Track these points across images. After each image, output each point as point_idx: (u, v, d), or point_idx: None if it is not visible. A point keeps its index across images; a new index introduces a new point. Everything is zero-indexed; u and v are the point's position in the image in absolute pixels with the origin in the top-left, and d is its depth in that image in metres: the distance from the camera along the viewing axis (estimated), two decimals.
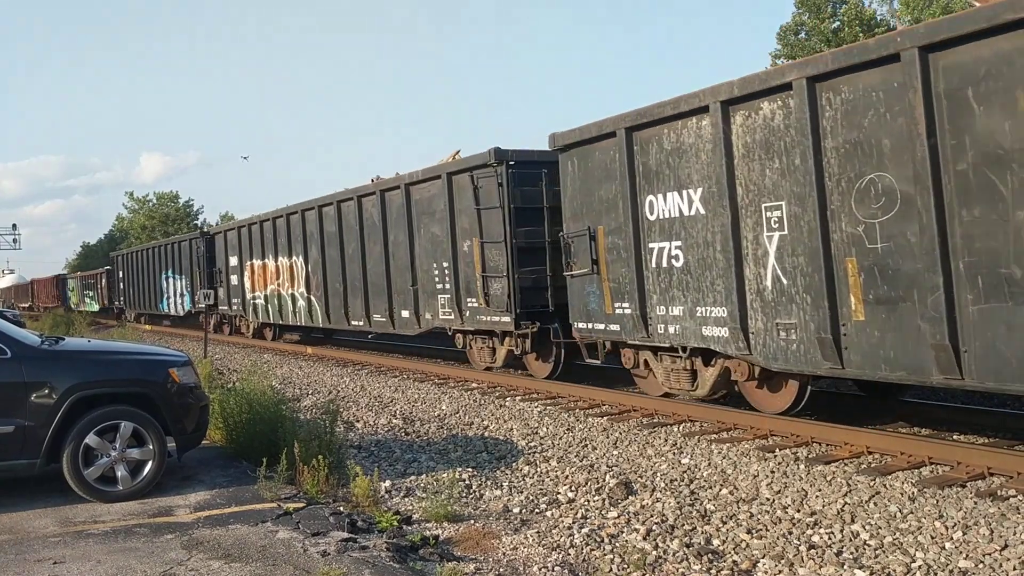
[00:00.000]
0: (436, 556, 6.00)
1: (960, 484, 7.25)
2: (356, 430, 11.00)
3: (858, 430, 8.85)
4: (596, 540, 6.29)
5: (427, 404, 12.94)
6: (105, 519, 6.92)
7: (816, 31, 40.69)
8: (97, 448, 7.45)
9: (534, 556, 6.03)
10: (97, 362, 8.05)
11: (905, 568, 5.54)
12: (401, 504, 7.54)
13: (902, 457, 8.07)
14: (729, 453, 8.76)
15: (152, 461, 7.61)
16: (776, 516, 6.72)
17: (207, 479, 8.15)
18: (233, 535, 6.36)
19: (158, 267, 34.29)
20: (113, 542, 6.28)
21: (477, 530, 6.68)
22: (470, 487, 7.96)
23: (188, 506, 7.25)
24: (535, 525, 6.75)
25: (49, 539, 6.41)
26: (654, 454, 8.95)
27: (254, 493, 7.52)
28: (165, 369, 8.02)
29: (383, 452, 9.65)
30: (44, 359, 7.64)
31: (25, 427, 7.26)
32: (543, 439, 9.97)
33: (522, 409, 11.92)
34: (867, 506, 6.84)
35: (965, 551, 5.78)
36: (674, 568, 5.69)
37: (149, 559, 5.85)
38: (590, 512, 7.02)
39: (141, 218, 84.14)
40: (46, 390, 7.37)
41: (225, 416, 9.40)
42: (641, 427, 10.28)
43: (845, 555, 5.85)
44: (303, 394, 14.50)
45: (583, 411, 11.53)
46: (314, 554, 5.83)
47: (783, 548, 6.02)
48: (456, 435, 10.44)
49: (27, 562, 5.88)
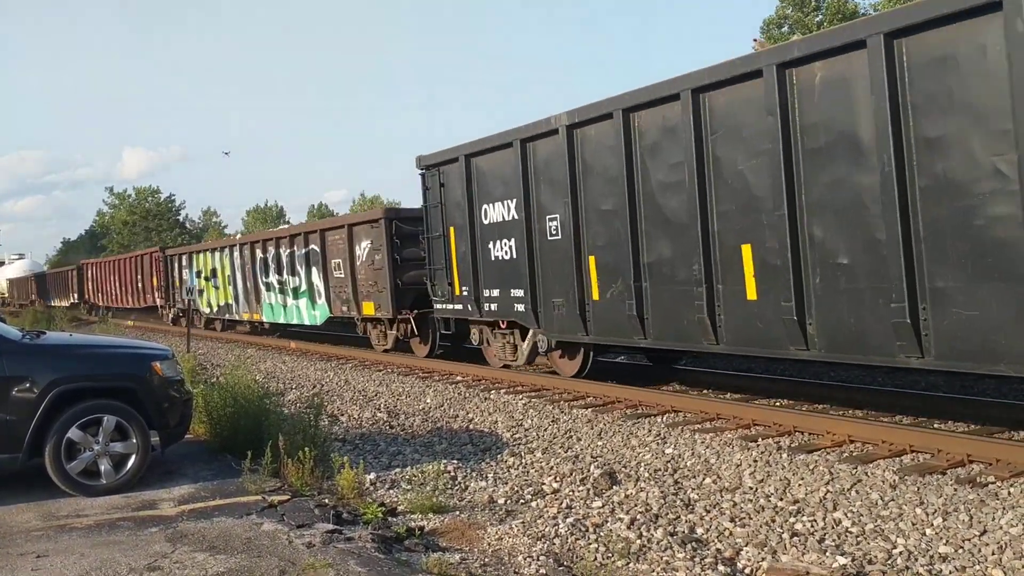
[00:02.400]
0: (422, 547, 6.02)
1: (941, 471, 7.33)
2: (341, 424, 10.99)
3: (841, 419, 8.93)
4: (581, 530, 6.32)
5: (412, 397, 12.94)
6: (88, 513, 6.89)
7: (800, 24, 40.87)
8: (80, 442, 7.41)
9: (519, 546, 6.05)
10: (79, 356, 8.01)
11: (886, 554, 5.60)
12: (386, 496, 7.55)
13: (884, 445, 8.15)
14: (712, 443, 8.82)
15: (135, 455, 7.58)
16: (759, 504, 6.78)
17: (191, 473, 8.13)
18: (218, 528, 6.35)
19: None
20: (97, 536, 6.26)
21: (462, 521, 6.70)
22: (455, 479, 7.97)
23: (172, 499, 7.23)
24: (520, 516, 6.77)
25: (32, 533, 6.38)
26: (638, 444, 8.99)
27: (238, 486, 7.51)
28: (148, 363, 7.98)
29: (368, 445, 9.65)
30: (25, 353, 7.59)
31: (7, 421, 7.23)
32: (528, 431, 10.00)
33: (507, 402, 11.95)
34: (849, 494, 6.91)
35: (945, 537, 5.85)
36: (658, 556, 5.72)
37: (133, 552, 5.84)
38: (575, 502, 7.05)
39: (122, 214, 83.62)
40: (27, 384, 7.33)
41: (209, 410, 9.37)
42: (625, 418, 10.33)
43: (827, 542, 5.90)
44: (287, 388, 14.47)
45: (568, 403, 11.56)
46: (299, 546, 5.83)
47: (766, 536, 6.07)
48: (441, 428, 10.45)
49: (10, 556, 5.85)
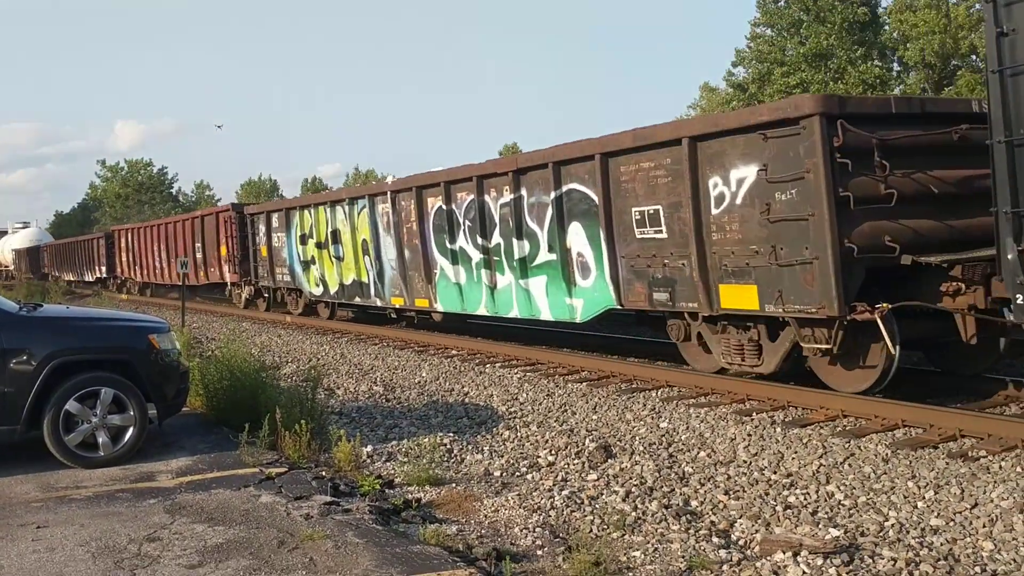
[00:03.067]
0: (419, 519, 6.08)
1: (932, 446, 7.40)
2: (337, 397, 11.03)
3: (834, 394, 8.99)
4: (576, 502, 6.38)
5: (407, 371, 12.99)
6: (87, 485, 6.93)
7: None
8: (78, 414, 7.44)
9: (515, 518, 6.11)
10: (76, 329, 8.03)
11: (879, 527, 5.67)
12: (383, 468, 7.60)
13: (876, 420, 8.21)
14: (707, 417, 8.88)
15: (133, 427, 7.61)
16: (753, 478, 6.84)
17: (188, 445, 8.17)
18: (216, 499, 6.39)
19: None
20: (96, 507, 6.30)
21: (459, 493, 6.75)
22: (451, 452, 8.03)
23: (170, 472, 7.28)
24: (516, 488, 6.83)
25: (32, 504, 6.42)
26: (633, 418, 9.05)
27: (236, 459, 7.55)
28: (145, 336, 8.00)
29: (364, 418, 9.70)
30: (23, 326, 7.60)
31: (4, 393, 7.25)
32: (523, 404, 10.05)
33: (502, 375, 12.00)
34: (842, 467, 6.98)
35: (937, 510, 5.92)
36: (653, 528, 5.79)
37: (133, 523, 5.88)
38: (570, 475, 7.11)
39: (115, 186, 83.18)
40: (25, 356, 7.34)
41: (205, 383, 9.40)
42: (620, 392, 10.39)
43: (820, 515, 5.97)
44: (283, 362, 14.50)
45: (562, 377, 11.61)
46: (297, 517, 5.89)
47: (760, 508, 6.14)
48: (437, 401, 10.50)
49: (11, 527, 5.90)
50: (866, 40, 39.82)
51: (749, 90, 41.29)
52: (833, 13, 38.95)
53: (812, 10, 39.67)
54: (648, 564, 5.23)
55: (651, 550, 5.43)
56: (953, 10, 38.96)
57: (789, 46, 40.78)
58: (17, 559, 5.33)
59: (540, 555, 5.41)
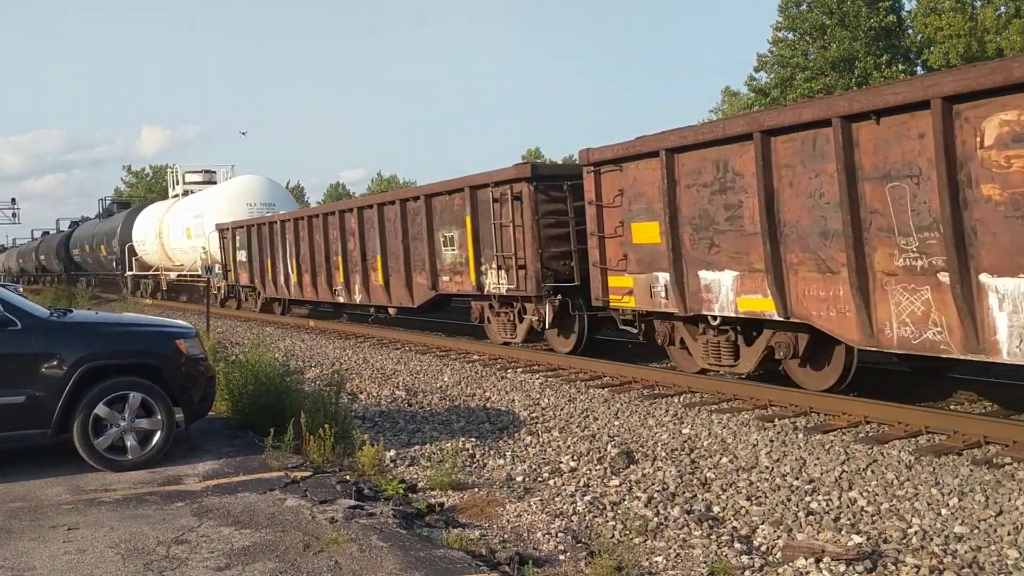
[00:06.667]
0: (442, 523, 6.12)
1: (956, 452, 7.37)
2: (360, 401, 11.12)
3: (856, 400, 8.97)
4: (598, 507, 6.41)
5: (429, 376, 13.06)
6: (116, 487, 7.04)
7: (818, 2, 40.39)
8: (106, 418, 7.55)
9: (538, 523, 6.15)
10: (106, 334, 8.14)
11: (901, 533, 5.66)
12: (406, 473, 7.66)
13: (899, 426, 8.19)
14: (729, 423, 8.88)
15: (160, 431, 7.71)
16: (775, 484, 6.84)
17: (214, 449, 8.27)
18: (242, 503, 6.48)
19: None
20: (125, 509, 6.40)
21: (481, 498, 6.80)
22: (473, 456, 8.08)
23: (197, 475, 7.37)
24: (538, 493, 6.87)
25: (62, 506, 6.53)
26: (655, 424, 9.07)
27: (261, 462, 7.64)
28: (172, 341, 8.11)
29: (387, 422, 9.77)
30: (53, 330, 7.72)
31: (36, 397, 7.36)
32: (545, 410, 10.09)
33: (523, 380, 12.04)
34: (864, 474, 6.96)
35: (961, 517, 5.90)
36: (675, 534, 5.81)
37: (161, 525, 5.97)
38: (592, 480, 7.14)
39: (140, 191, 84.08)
40: (56, 361, 7.46)
41: (231, 388, 9.51)
42: (642, 398, 10.40)
43: (843, 521, 5.97)
44: (306, 366, 14.62)
45: (584, 383, 11.64)
46: (322, 521, 5.95)
47: (782, 514, 6.14)
48: (459, 406, 10.56)
49: (42, 528, 6.00)
50: (892, 45, 39.58)
51: (771, 95, 41.16)
52: (859, 19, 38.74)
53: (836, 14, 39.48)
54: (670, 569, 5.26)
55: (673, 555, 5.45)
56: (980, 13, 38.61)
57: (812, 51, 40.61)
58: (49, 560, 5.43)
59: (562, 560, 5.45)
